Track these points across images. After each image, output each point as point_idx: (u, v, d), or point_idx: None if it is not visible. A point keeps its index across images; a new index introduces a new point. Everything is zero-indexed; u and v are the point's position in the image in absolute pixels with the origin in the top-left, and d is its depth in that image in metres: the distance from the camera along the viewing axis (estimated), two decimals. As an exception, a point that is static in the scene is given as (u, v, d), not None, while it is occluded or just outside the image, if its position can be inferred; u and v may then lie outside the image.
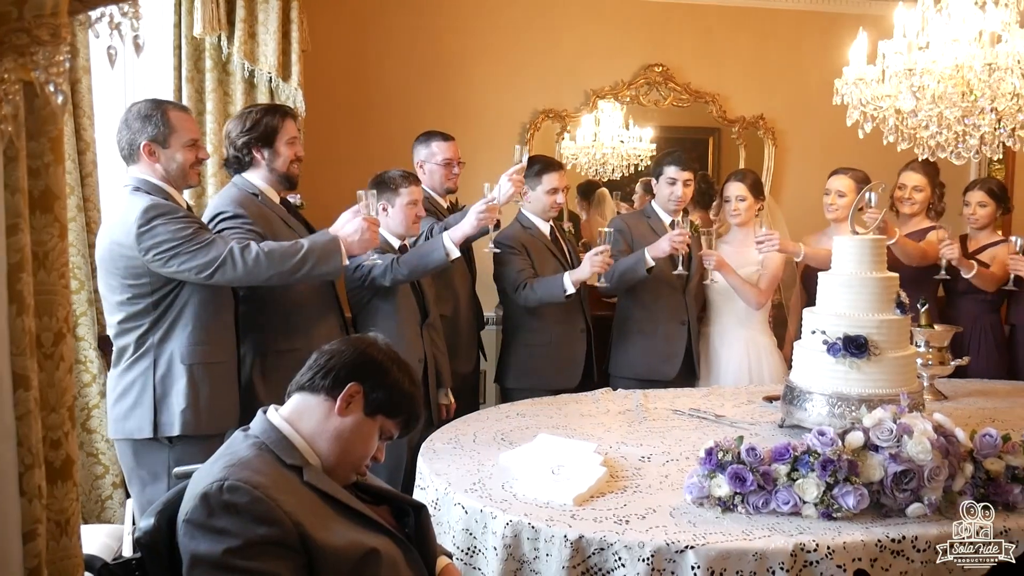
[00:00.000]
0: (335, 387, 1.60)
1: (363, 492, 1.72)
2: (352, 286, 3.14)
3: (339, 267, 2.70)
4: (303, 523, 1.44)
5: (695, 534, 1.84)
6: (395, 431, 1.69)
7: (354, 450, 1.63)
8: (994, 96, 2.51)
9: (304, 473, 1.55)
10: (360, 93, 4.84)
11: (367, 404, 1.62)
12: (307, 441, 1.60)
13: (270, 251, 2.57)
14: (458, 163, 3.71)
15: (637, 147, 5.16)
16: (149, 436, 2.50)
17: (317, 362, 1.64)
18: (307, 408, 1.62)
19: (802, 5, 5.33)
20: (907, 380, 2.51)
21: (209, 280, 2.49)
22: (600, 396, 3.13)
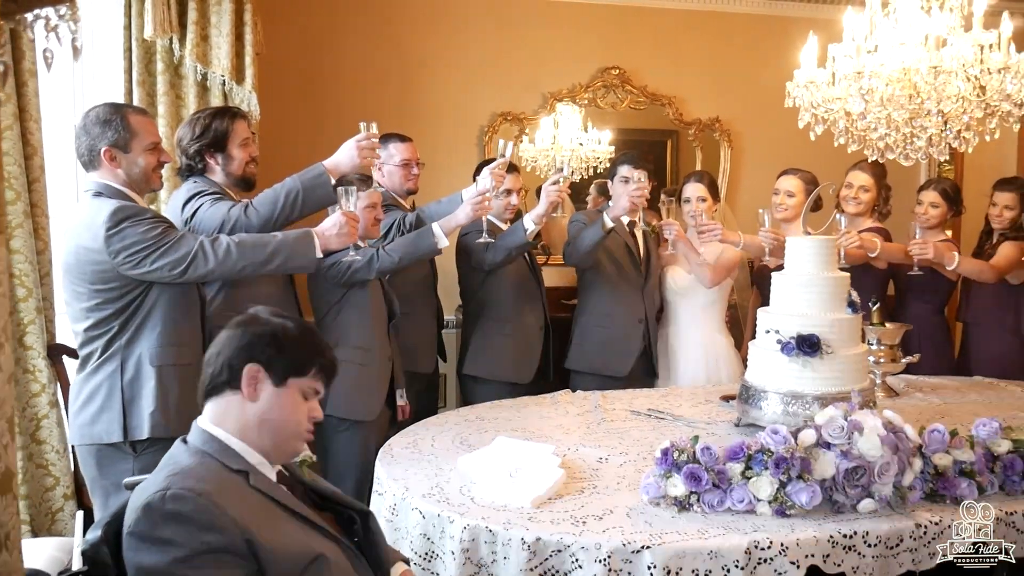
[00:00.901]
0: (235, 378, 1.57)
1: (313, 492, 1.70)
2: (326, 284, 3.12)
3: (313, 260, 2.70)
4: (250, 528, 1.42)
5: (651, 534, 1.85)
6: (317, 385, 1.65)
7: (286, 424, 1.60)
8: (940, 99, 2.57)
9: (250, 477, 1.53)
10: (316, 96, 4.81)
11: (273, 376, 1.59)
12: (241, 440, 1.57)
13: (241, 241, 2.57)
14: (417, 164, 3.71)
15: (596, 149, 5.19)
16: (118, 440, 2.47)
17: (209, 364, 1.61)
18: (224, 410, 1.59)
19: (756, 9, 5.41)
20: (859, 378, 2.56)
21: (183, 277, 2.48)
22: (559, 398, 3.14)
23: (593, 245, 3.55)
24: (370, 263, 3.04)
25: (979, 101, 2.57)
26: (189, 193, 2.87)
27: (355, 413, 3.09)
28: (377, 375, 3.19)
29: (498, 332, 3.66)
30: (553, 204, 3.41)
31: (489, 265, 3.54)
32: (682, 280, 3.75)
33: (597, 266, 3.70)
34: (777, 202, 3.84)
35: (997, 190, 3.89)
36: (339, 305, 3.13)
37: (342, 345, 3.10)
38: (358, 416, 3.10)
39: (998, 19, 2.51)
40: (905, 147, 2.76)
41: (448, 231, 3.18)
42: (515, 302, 3.69)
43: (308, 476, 1.74)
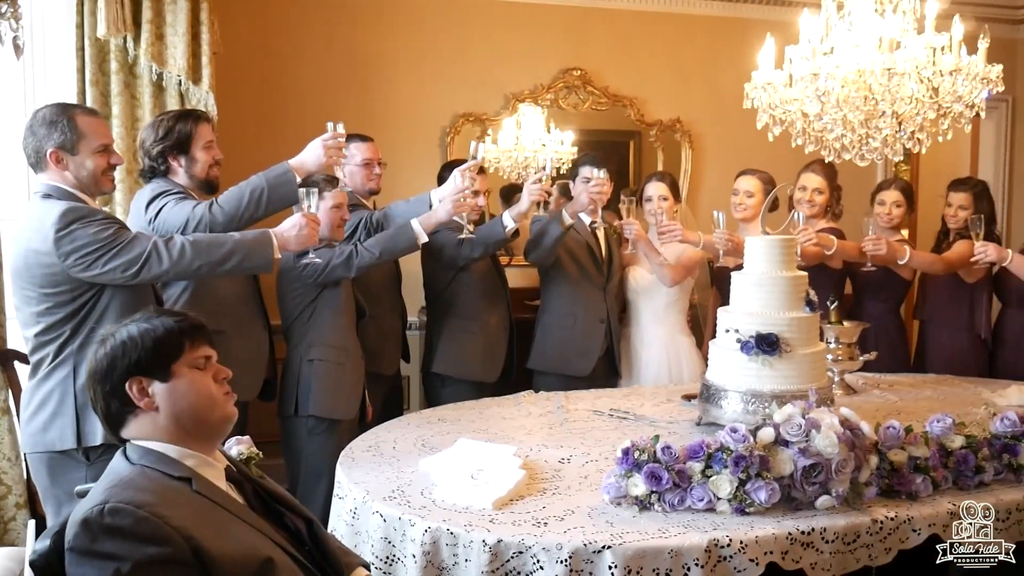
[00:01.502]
0: (126, 400, 1.54)
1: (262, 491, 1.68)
2: (299, 284, 3.09)
3: (270, 261, 2.68)
4: (195, 536, 1.39)
5: (612, 534, 1.86)
6: (201, 352, 1.60)
7: (199, 405, 1.57)
8: (894, 100, 2.60)
9: (193, 483, 1.51)
10: (275, 96, 4.76)
11: (153, 376, 1.54)
12: (173, 444, 1.54)
13: (196, 241, 2.54)
14: (379, 164, 3.69)
15: (559, 150, 5.19)
16: (71, 447, 2.42)
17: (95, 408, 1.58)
18: (139, 431, 1.55)
19: (715, 11, 5.46)
20: (817, 376, 2.58)
21: (136, 278, 2.44)
22: (522, 398, 3.14)
23: (554, 242, 3.57)
24: (349, 260, 3.04)
25: (932, 102, 2.60)
26: (152, 194, 2.84)
27: (334, 412, 3.09)
28: (352, 374, 3.19)
29: (465, 331, 3.66)
30: (535, 202, 3.42)
31: (463, 260, 3.54)
32: (644, 280, 3.78)
33: (559, 266, 3.71)
34: (736, 202, 3.88)
35: (952, 191, 3.97)
36: (314, 305, 3.12)
37: (319, 345, 3.10)
38: (337, 415, 3.10)
39: (950, 22, 2.55)
40: (861, 148, 2.79)
41: (428, 228, 3.20)
42: (481, 301, 3.70)
43: (255, 473, 1.72)
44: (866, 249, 3.50)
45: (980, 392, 3.19)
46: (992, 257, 3.48)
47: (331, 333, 3.12)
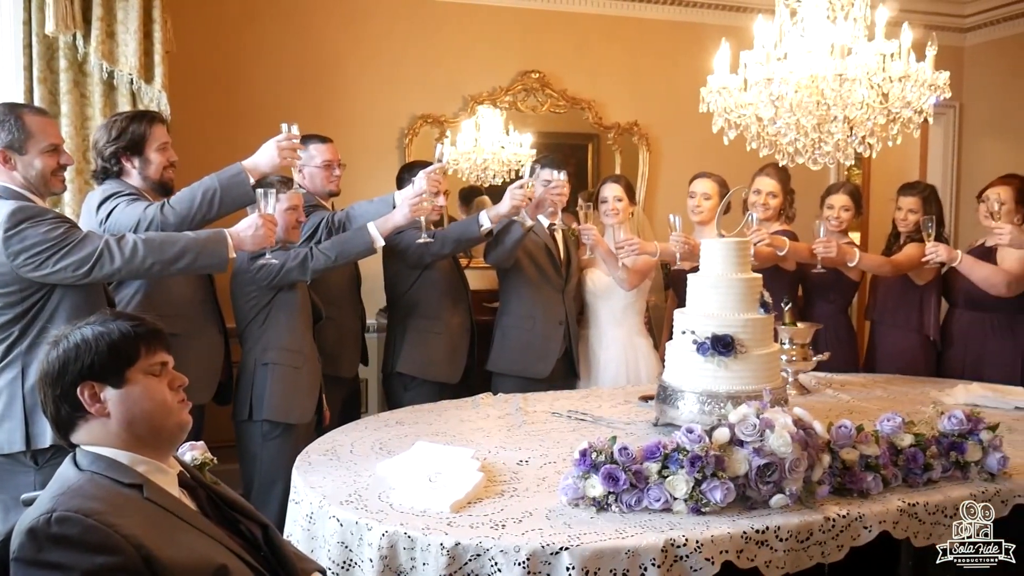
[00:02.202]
0: (77, 405, 1.50)
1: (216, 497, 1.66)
2: (253, 287, 3.05)
3: (225, 260, 2.66)
4: (146, 545, 1.37)
5: (570, 535, 1.86)
6: (157, 358, 1.56)
7: (153, 412, 1.53)
8: (845, 105, 2.65)
9: (144, 490, 1.48)
10: (230, 96, 4.69)
11: (108, 381, 1.51)
12: (124, 450, 1.51)
13: (148, 239, 2.52)
14: (339, 165, 3.66)
15: (518, 153, 5.20)
16: (20, 449, 2.38)
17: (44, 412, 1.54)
18: (90, 437, 1.52)
19: (671, 16, 5.51)
20: (772, 376, 2.62)
21: (87, 277, 2.40)
22: (480, 401, 3.14)
23: (514, 243, 3.57)
24: (304, 263, 3.02)
25: (882, 108, 2.65)
26: (104, 195, 2.80)
27: (289, 417, 3.06)
28: (308, 378, 3.16)
29: (429, 331, 3.65)
30: (516, 208, 3.41)
31: (432, 258, 3.53)
32: (601, 282, 3.80)
33: (518, 268, 3.72)
34: (693, 204, 3.93)
35: (901, 194, 4.05)
36: (268, 308, 3.08)
37: (274, 348, 3.07)
38: (292, 419, 3.06)
39: (899, 30, 2.61)
40: (813, 152, 2.83)
41: (385, 232, 3.17)
42: (444, 302, 3.69)
43: (209, 479, 1.69)
44: (816, 251, 3.56)
45: (928, 391, 3.27)
46: (943, 257, 3.56)
47: (287, 336, 3.08)
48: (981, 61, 6.20)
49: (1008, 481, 2.26)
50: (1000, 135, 6.07)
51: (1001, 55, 6.04)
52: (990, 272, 3.68)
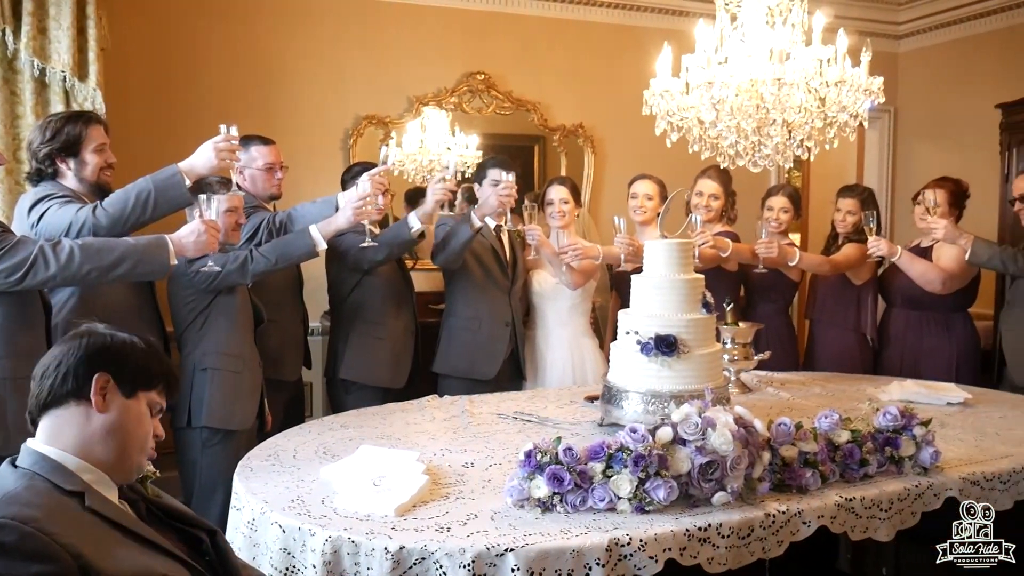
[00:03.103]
0: (81, 387, 1.49)
1: (157, 509, 1.62)
2: (191, 290, 2.98)
3: (165, 266, 2.61)
4: (84, 554, 1.33)
5: (515, 536, 1.86)
6: (161, 400, 1.61)
7: (134, 437, 1.54)
8: (784, 109, 2.70)
9: (85, 498, 1.44)
10: (168, 95, 4.61)
11: (122, 387, 1.52)
12: (79, 456, 1.48)
13: (85, 245, 2.46)
14: (281, 167, 3.60)
15: (464, 154, 5.19)
16: None
17: (47, 375, 1.51)
18: (62, 423, 1.49)
19: (614, 19, 5.56)
20: (714, 375, 2.65)
21: (21, 283, 2.33)
22: (426, 403, 3.12)
23: (462, 245, 3.56)
24: (243, 266, 2.96)
25: (819, 112, 2.72)
26: (36, 197, 2.72)
27: (229, 423, 3.00)
28: (249, 382, 3.11)
29: (372, 336, 3.62)
30: (439, 202, 3.40)
31: (369, 264, 3.50)
32: (547, 283, 3.82)
33: (465, 270, 3.71)
34: (636, 206, 3.97)
35: (840, 196, 4.15)
36: (207, 312, 3.02)
37: (213, 353, 3.01)
38: (232, 425, 3.01)
39: (835, 35, 2.67)
40: (753, 154, 2.89)
41: (327, 235, 3.12)
42: (387, 306, 3.66)
43: (151, 492, 1.65)
44: (759, 252, 3.63)
45: (865, 389, 3.35)
46: (883, 251, 3.66)
47: (226, 341, 3.03)
48: (914, 67, 6.38)
49: (940, 475, 2.32)
50: (933, 139, 6.26)
51: (933, 61, 6.23)
52: (927, 268, 3.79)
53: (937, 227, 3.58)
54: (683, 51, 2.78)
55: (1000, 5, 5.62)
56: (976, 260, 3.61)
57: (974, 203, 4.11)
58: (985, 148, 5.28)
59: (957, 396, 3.16)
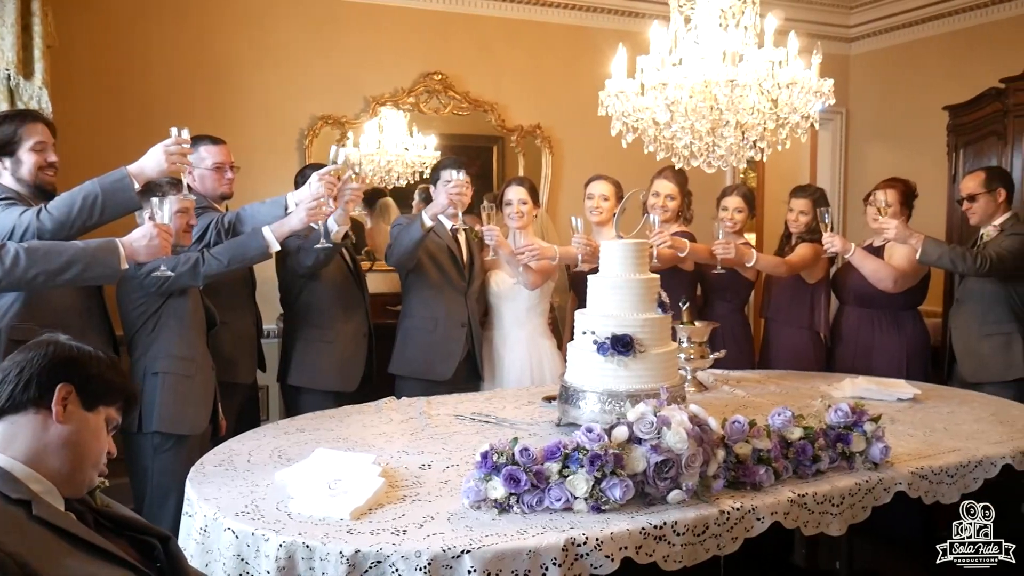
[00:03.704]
0: (42, 396, 1.47)
1: (105, 519, 1.59)
2: (141, 293, 2.92)
3: (116, 271, 2.56)
4: (30, 563, 1.30)
5: (471, 538, 1.86)
6: (119, 418, 1.60)
7: (90, 451, 1.52)
8: (737, 110, 2.74)
9: (33, 507, 1.40)
10: (118, 94, 4.52)
11: (83, 400, 1.51)
12: (30, 465, 1.44)
13: (32, 248, 2.40)
14: (231, 167, 3.55)
15: (422, 155, 5.18)
16: None
17: (7, 380, 1.48)
18: (17, 431, 1.46)
19: (571, 20, 5.58)
20: (670, 374, 2.67)
21: None
22: (383, 405, 3.10)
23: (413, 244, 3.54)
24: (195, 268, 2.90)
25: (772, 113, 2.75)
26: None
27: (181, 427, 2.95)
28: (202, 387, 3.06)
29: (320, 340, 3.59)
30: (351, 203, 3.32)
31: (301, 269, 3.47)
32: (505, 284, 3.82)
33: (420, 271, 3.69)
34: (592, 206, 3.99)
35: (793, 197, 4.21)
36: (157, 315, 2.96)
37: (164, 357, 2.95)
38: (184, 430, 2.95)
39: (787, 38, 2.71)
40: (708, 155, 2.92)
41: (280, 236, 3.08)
42: (337, 309, 3.63)
43: (100, 502, 1.62)
44: (716, 252, 3.67)
45: (818, 386, 3.40)
46: (838, 247, 3.73)
47: (177, 344, 2.98)
48: (865, 69, 6.51)
49: (890, 470, 2.36)
50: (883, 140, 6.38)
51: (883, 64, 6.35)
52: (879, 266, 3.87)
53: (888, 227, 3.65)
54: (638, 52, 2.80)
55: (946, 10, 5.76)
56: (926, 259, 3.69)
57: (923, 203, 4.20)
58: (933, 149, 5.39)
59: (907, 392, 3.23)
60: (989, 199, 3.86)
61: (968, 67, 5.52)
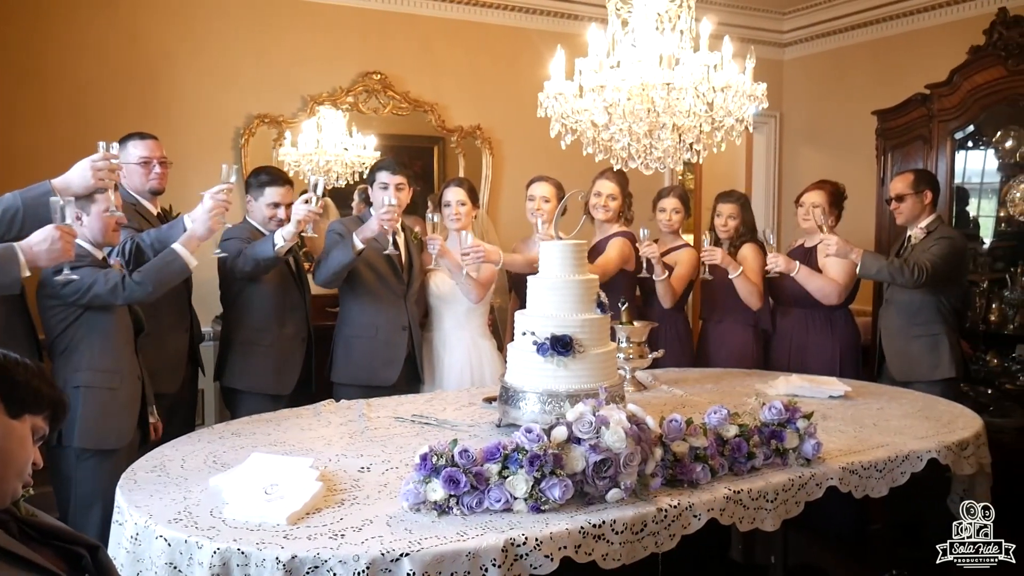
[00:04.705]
0: None
1: (30, 528, 1.53)
2: (57, 301, 2.82)
3: (16, 279, 2.45)
4: None
5: (411, 540, 1.84)
6: (46, 427, 1.53)
7: (14, 460, 1.45)
8: (673, 113, 2.77)
9: None
10: (44, 91, 4.37)
11: (9, 407, 1.45)
12: None
13: None
14: (160, 162, 3.49)
15: (361, 155, 5.13)
16: None
17: None
18: None
19: (510, 21, 5.60)
20: (609, 374, 2.69)
21: None
22: (322, 408, 3.06)
23: (342, 267, 3.51)
24: (114, 290, 2.79)
25: (707, 116, 2.79)
26: None
27: (104, 443, 2.85)
28: (127, 398, 2.95)
29: (256, 342, 3.53)
30: (303, 223, 3.29)
31: (239, 274, 3.42)
32: (445, 286, 3.80)
33: (357, 278, 3.65)
34: (533, 207, 4.00)
35: (720, 202, 4.29)
36: (78, 324, 2.85)
37: (85, 370, 2.84)
38: (108, 445, 2.86)
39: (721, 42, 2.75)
40: (646, 157, 2.95)
41: (192, 250, 3.00)
42: (275, 312, 3.58)
43: (24, 512, 1.56)
44: (703, 259, 3.92)
45: (754, 384, 3.46)
46: (782, 268, 3.88)
47: (99, 356, 2.87)
48: (798, 74, 6.66)
49: (822, 465, 2.42)
50: (816, 143, 6.54)
51: (815, 69, 6.51)
52: (823, 283, 4.00)
53: (830, 243, 3.76)
54: (577, 55, 2.81)
55: (875, 17, 5.93)
56: (866, 273, 3.81)
57: (853, 204, 4.32)
58: (863, 152, 5.55)
59: (838, 390, 3.31)
60: (916, 200, 3.98)
61: (896, 73, 5.69)
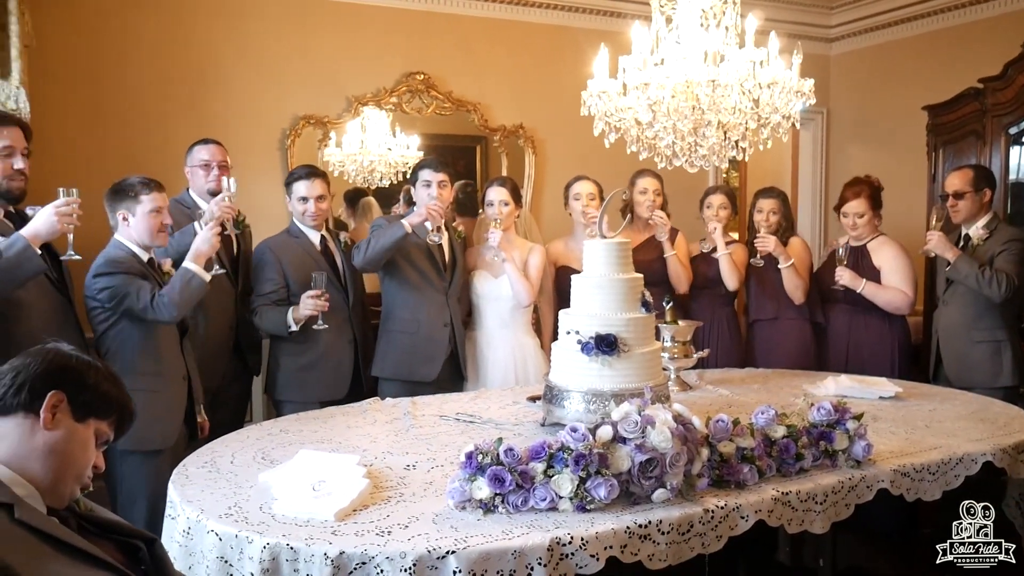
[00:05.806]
0: (33, 401, 1.45)
1: (88, 523, 1.57)
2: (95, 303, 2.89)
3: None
4: (12, 567, 1.28)
5: (456, 538, 1.85)
6: (110, 433, 1.58)
7: (75, 462, 1.50)
8: (719, 110, 2.74)
9: (15, 510, 1.39)
10: (98, 95, 4.48)
11: (75, 410, 1.49)
12: (14, 469, 1.43)
13: None
14: (220, 166, 3.62)
15: (405, 155, 5.17)
16: None
17: (1, 383, 1.47)
18: (5, 432, 1.45)
19: (553, 20, 5.59)
20: (654, 373, 2.68)
21: None
22: (368, 407, 3.09)
23: (392, 244, 3.53)
24: (144, 310, 2.86)
25: (753, 113, 2.76)
26: None
27: (146, 444, 2.89)
28: (170, 399, 3.00)
29: (302, 354, 3.56)
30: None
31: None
32: (488, 284, 3.81)
33: (398, 273, 3.68)
34: (581, 207, 3.99)
35: (760, 198, 4.23)
36: (118, 327, 2.92)
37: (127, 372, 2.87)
38: (150, 447, 2.91)
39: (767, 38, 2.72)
40: (690, 155, 2.93)
41: (201, 263, 3.01)
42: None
43: (84, 507, 1.60)
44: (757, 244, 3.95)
45: (801, 384, 3.41)
46: (847, 282, 3.88)
47: (142, 359, 2.92)
48: (846, 69, 6.55)
49: (873, 467, 2.38)
50: (864, 140, 6.43)
51: (864, 64, 6.40)
52: (892, 296, 3.94)
53: (932, 239, 3.76)
54: (620, 52, 2.80)
55: (925, 11, 5.81)
56: (955, 274, 3.75)
57: (903, 201, 4.24)
58: (912, 149, 5.44)
59: (889, 390, 3.25)
60: (975, 198, 3.87)
61: (947, 67, 5.57)
